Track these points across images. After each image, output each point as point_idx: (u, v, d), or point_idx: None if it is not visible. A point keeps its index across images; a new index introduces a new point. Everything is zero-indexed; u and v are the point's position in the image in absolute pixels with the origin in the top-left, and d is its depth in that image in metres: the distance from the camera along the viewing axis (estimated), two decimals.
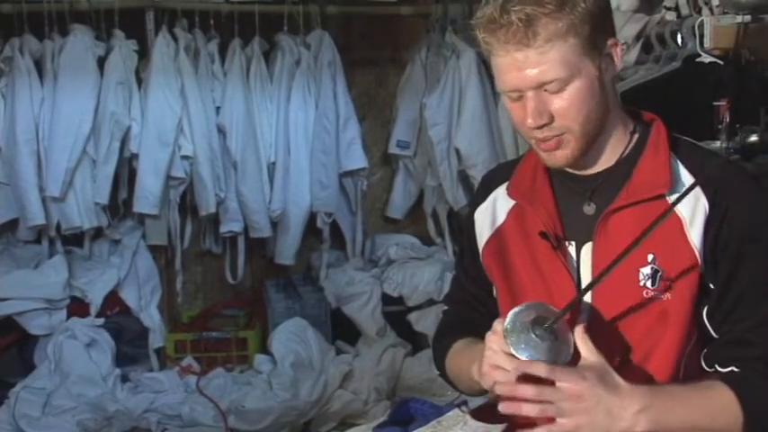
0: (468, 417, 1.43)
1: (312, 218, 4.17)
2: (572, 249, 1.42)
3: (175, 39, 3.90)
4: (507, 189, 1.51)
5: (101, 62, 3.83)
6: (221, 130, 3.99)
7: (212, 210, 3.98)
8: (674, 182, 1.36)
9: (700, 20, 2.66)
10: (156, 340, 3.97)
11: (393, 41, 4.43)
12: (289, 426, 3.54)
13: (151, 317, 3.98)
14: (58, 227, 3.91)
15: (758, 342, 1.31)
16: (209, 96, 3.95)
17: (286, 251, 4.16)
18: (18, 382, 3.63)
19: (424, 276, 4.11)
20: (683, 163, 1.39)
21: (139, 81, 3.90)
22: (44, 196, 3.82)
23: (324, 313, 4.06)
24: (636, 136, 1.42)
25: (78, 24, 3.82)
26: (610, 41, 1.36)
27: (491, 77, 4.14)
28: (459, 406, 1.45)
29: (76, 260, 3.99)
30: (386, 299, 4.10)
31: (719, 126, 2.52)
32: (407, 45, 4.38)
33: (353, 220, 4.33)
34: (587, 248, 1.40)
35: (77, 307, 3.89)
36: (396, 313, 4.10)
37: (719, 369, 1.34)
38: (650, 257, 1.35)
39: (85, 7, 3.87)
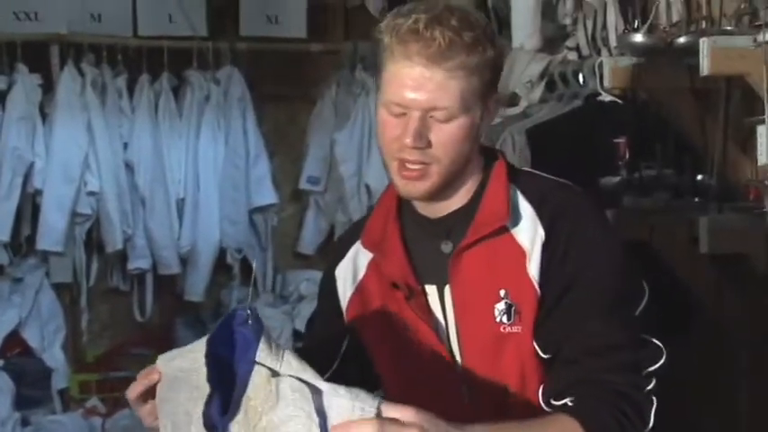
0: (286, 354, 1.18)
1: (222, 254, 4.14)
2: (433, 293, 1.41)
3: (82, 73, 3.84)
4: (361, 241, 1.48)
5: (2, 96, 3.75)
6: (129, 166, 3.94)
7: (119, 246, 3.91)
8: (512, 212, 1.37)
9: (599, 60, 2.77)
10: (59, 381, 3.87)
11: (303, 78, 4.45)
12: None
13: (54, 357, 3.88)
14: None
15: (585, 362, 1.31)
16: (116, 132, 3.90)
17: (196, 288, 4.11)
18: None
19: None
20: (522, 193, 1.40)
21: (44, 116, 3.82)
22: None
23: None
24: (484, 173, 1.43)
25: None
26: (495, 95, 1.39)
27: None
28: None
29: None
30: (297, 335, 4.08)
31: (620, 162, 2.62)
32: (317, 81, 4.42)
33: (264, 256, 4.31)
34: (448, 290, 1.40)
35: None
36: None
37: (554, 402, 1.31)
38: (502, 293, 1.35)
39: None
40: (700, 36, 2.22)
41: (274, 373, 1.18)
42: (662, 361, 1.35)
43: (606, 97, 2.76)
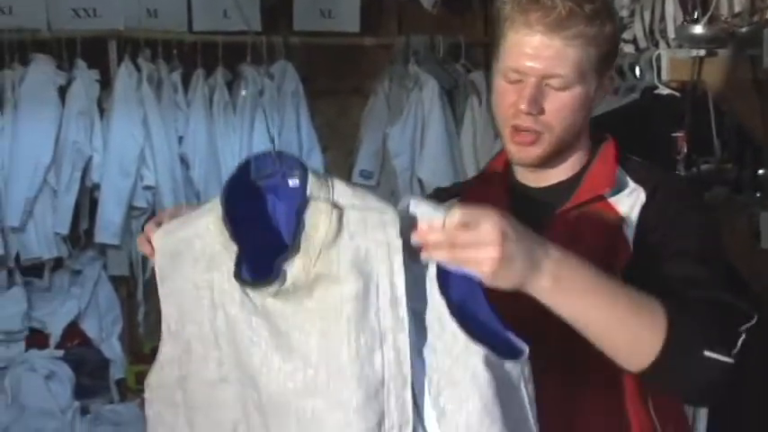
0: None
1: None
2: None
3: (138, 69, 3.89)
4: (460, 199, 1.51)
5: (62, 92, 3.82)
6: (184, 160, 3.98)
7: None
8: (617, 185, 1.42)
9: (657, 53, 2.72)
10: (116, 372, 3.93)
11: (356, 72, 4.46)
12: None
13: (112, 348, 3.94)
14: (17, 257, 3.85)
15: (678, 288, 1.30)
16: (171, 126, 3.94)
17: None
18: None
19: None
20: (627, 172, 1.44)
21: (101, 111, 3.88)
22: (3, 226, 3.77)
23: None
24: (591, 153, 1.48)
25: (39, 54, 3.80)
26: (610, 72, 1.44)
27: (453, 108, 4.21)
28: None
29: (36, 291, 3.93)
30: None
31: (677, 157, 2.57)
32: (370, 76, 4.42)
33: None
34: None
35: (36, 338, 3.84)
36: None
37: None
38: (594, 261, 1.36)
39: (47, 36, 3.85)
40: (763, 26, 2.17)
41: (333, 206, 1.13)
42: (755, 318, 1.32)
43: (664, 90, 2.71)
